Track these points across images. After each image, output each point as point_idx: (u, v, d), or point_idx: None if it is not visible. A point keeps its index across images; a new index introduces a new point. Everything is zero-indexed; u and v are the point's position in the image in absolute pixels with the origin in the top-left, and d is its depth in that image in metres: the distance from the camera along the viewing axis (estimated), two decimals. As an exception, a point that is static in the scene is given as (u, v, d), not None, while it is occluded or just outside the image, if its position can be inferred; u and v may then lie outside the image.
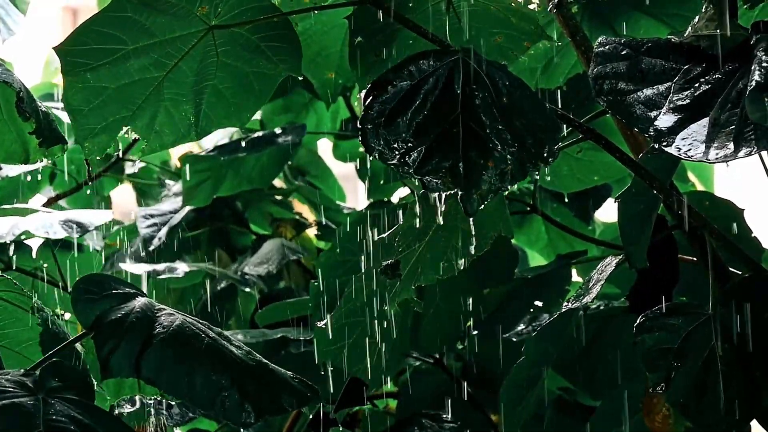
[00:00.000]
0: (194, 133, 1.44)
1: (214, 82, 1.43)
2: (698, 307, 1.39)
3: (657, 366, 1.36)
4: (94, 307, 1.29)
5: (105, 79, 1.40)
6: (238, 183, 2.47)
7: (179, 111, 1.43)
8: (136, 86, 1.41)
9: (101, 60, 1.39)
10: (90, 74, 1.39)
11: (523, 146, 1.24)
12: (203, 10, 1.39)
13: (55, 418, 1.18)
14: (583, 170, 2.04)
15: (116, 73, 1.40)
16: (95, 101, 1.40)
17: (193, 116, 1.43)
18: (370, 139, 1.26)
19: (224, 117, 1.45)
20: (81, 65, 1.39)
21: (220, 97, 1.44)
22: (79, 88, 1.39)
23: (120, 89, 1.41)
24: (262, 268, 2.39)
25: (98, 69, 1.39)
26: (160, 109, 1.43)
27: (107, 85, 1.40)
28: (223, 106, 1.44)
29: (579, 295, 1.54)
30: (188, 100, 1.43)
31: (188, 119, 1.43)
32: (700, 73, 1.26)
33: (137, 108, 1.42)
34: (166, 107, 1.43)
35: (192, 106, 1.43)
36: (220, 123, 1.45)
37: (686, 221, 1.43)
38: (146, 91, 1.42)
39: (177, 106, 1.43)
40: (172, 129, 1.44)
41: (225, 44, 1.41)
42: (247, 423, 1.23)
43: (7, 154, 1.46)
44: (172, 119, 1.43)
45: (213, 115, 1.44)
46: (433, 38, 1.36)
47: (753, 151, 1.16)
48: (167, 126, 1.44)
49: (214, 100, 1.43)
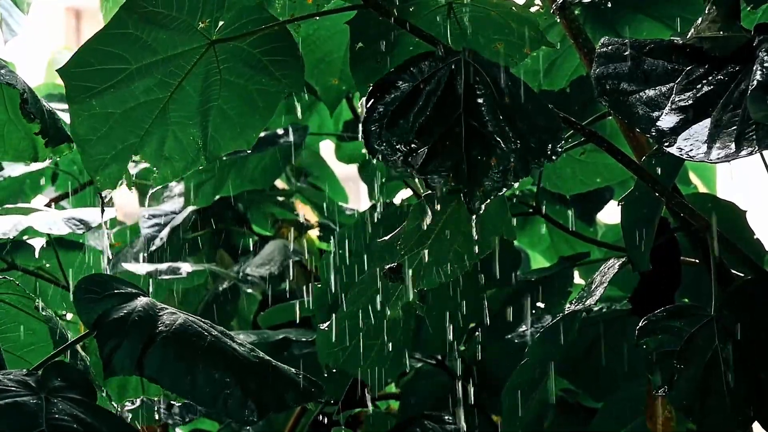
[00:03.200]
0: (203, 157, 1.44)
1: (219, 102, 1.42)
2: (701, 310, 1.39)
3: (659, 368, 1.36)
4: (96, 307, 1.29)
5: (110, 104, 1.39)
6: (240, 184, 2.47)
7: (187, 135, 1.43)
8: (141, 109, 1.41)
9: (105, 83, 1.38)
10: (95, 101, 1.38)
11: (525, 143, 1.24)
12: (204, 24, 1.39)
13: (58, 417, 1.18)
14: (586, 172, 2.04)
15: (121, 97, 1.39)
16: (102, 129, 1.40)
17: (200, 140, 1.43)
18: (373, 141, 1.26)
19: (231, 139, 1.44)
20: (85, 90, 1.38)
21: (225, 117, 1.43)
22: (85, 116, 1.39)
23: (126, 114, 1.40)
24: (264, 269, 2.39)
25: (103, 93, 1.38)
26: (168, 134, 1.42)
27: (113, 110, 1.40)
28: (229, 127, 1.44)
29: (581, 297, 1.54)
30: (195, 122, 1.42)
31: (196, 144, 1.43)
32: (702, 75, 1.26)
33: (144, 133, 1.41)
34: (174, 132, 1.42)
35: (199, 129, 1.43)
36: (228, 145, 1.44)
37: (689, 224, 1.43)
38: (152, 114, 1.41)
39: (184, 130, 1.42)
40: (182, 155, 1.44)
41: (227, 60, 1.41)
42: (250, 421, 1.23)
43: (16, 152, 1.46)
44: (181, 144, 1.43)
45: (220, 138, 1.43)
46: (434, 41, 1.36)
47: (755, 151, 1.16)
48: (176, 152, 1.43)
49: (220, 121, 1.43)
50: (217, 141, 1.44)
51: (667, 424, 1.48)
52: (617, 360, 1.85)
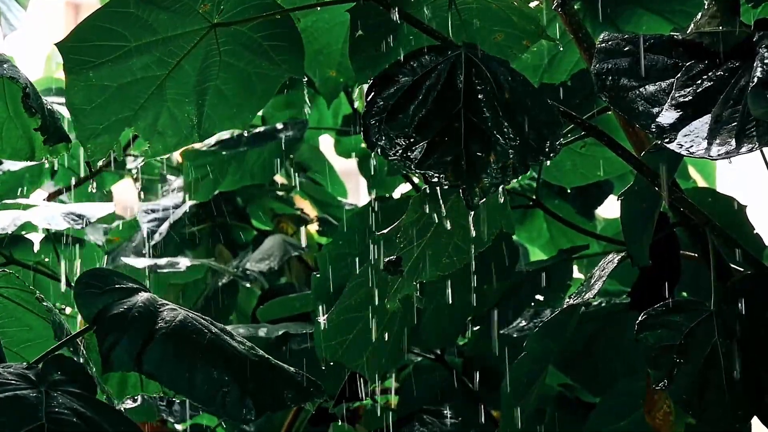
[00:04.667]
0: (197, 134, 1.44)
1: (217, 82, 1.43)
2: (700, 304, 1.39)
3: (659, 363, 1.36)
4: (96, 302, 1.29)
5: (107, 77, 1.39)
6: (239, 178, 2.47)
7: (182, 112, 1.43)
8: (138, 85, 1.41)
9: (103, 57, 1.39)
10: (92, 72, 1.39)
11: (524, 140, 1.24)
12: (205, 7, 1.39)
13: (58, 410, 1.18)
14: (586, 165, 2.03)
15: (118, 71, 1.40)
16: (97, 100, 1.40)
17: (195, 117, 1.43)
18: (373, 135, 1.26)
19: (226, 118, 1.44)
20: (83, 63, 1.38)
21: (222, 97, 1.43)
22: (81, 86, 1.39)
23: (122, 88, 1.40)
24: (263, 264, 2.39)
25: (100, 67, 1.39)
26: (163, 110, 1.42)
27: (109, 83, 1.40)
28: (225, 107, 1.44)
29: (581, 291, 1.54)
30: (191, 100, 1.42)
31: (191, 120, 1.43)
32: (702, 70, 1.26)
33: (139, 108, 1.41)
34: (169, 108, 1.42)
35: (194, 107, 1.43)
36: (223, 124, 1.45)
37: (688, 218, 1.43)
38: (148, 90, 1.41)
39: (179, 107, 1.43)
40: (175, 130, 1.44)
41: (227, 43, 1.41)
42: (247, 419, 1.23)
43: (13, 150, 1.46)
44: (175, 120, 1.43)
45: (215, 117, 1.44)
46: (434, 33, 1.36)
47: (755, 147, 1.16)
48: (170, 127, 1.43)
49: (216, 101, 1.43)
50: (212, 119, 1.44)
51: (666, 419, 1.47)
52: (616, 355, 1.85)
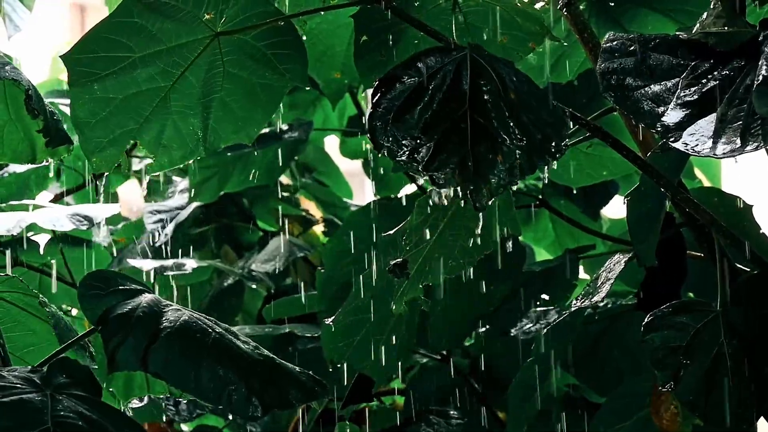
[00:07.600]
0: (202, 148, 1.44)
1: (221, 94, 1.42)
2: (706, 305, 1.39)
3: (665, 364, 1.36)
4: (101, 303, 1.29)
5: (112, 89, 1.39)
6: (244, 179, 2.47)
7: (187, 125, 1.42)
8: (142, 97, 1.40)
9: (108, 69, 1.38)
10: (97, 85, 1.38)
11: (531, 141, 1.24)
12: (209, 16, 1.38)
13: (63, 414, 1.18)
14: (592, 165, 2.03)
15: (123, 83, 1.39)
16: (102, 113, 1.40)
17: (200, 131, 1.43)
18: (379, 136, 1.26)
19: (232, 132, 1.44)
20: (88, 75, 1.38)
21: (227, 110, 1.43)
22: (86, 99, 1.39)
23: (127, 100, 1.40)
24: (269, 265, 2.39)
25: (105, 79, 1.38)
26: (168, 123, 1.42)
27: (114, 95, 1.39)
28: (231, 120, 1.43)
29: (587, 292, 1.54)
30: (196, 113, 1.42)
31: (196, 134, 1.43)
32: (707, 69, 1.25)
33: (144, 120, 1.41)
34: (174, 120, 1.42)
35: (200, 120, 1.42)
36: (228, 138, 1.44)
37: (694, 218, 1.43)
38: (153, 102, 1.41)
39: (184, 119, 1.42)
40: (180, 144, 1.43)
41: (231, 53, 1.41)
42: (254, 417, 1.23)
43: (14, 153, 1.46)
44: (180, 133, 1.43)
45: (221, 130, 1.43)
46: (438, 36, 1.36)
47: (760, 146, 1.16)
48: (175, 141, 1.43)
49: (222, 114, 1.43)
50: (218, 133, 1.43)
51: (673, 420, 1.47)
52: (622, 355, 1.85)
